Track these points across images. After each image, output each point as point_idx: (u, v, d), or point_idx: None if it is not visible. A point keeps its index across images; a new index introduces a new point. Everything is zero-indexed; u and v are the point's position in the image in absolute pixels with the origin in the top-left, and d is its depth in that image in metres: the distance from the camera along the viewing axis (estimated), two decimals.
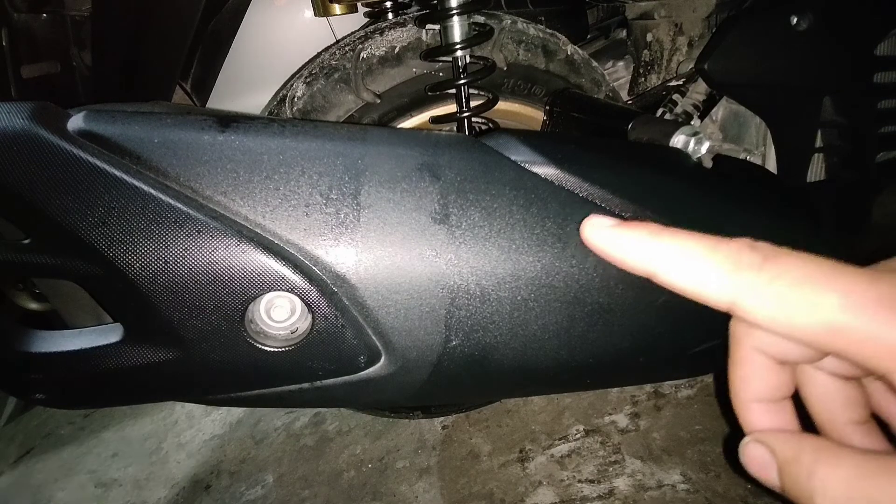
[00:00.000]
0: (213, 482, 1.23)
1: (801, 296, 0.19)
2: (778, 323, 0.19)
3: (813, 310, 0.18)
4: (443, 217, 0.37)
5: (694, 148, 0.50)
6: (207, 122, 0.37)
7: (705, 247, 0.21)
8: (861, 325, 0.18)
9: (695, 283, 0.21)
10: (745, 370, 0.24)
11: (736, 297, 0.20)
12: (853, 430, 0.24)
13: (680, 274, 0.22)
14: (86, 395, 0.46)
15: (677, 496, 0.93)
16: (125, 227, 0.34)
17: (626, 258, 0.24)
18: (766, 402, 0.25)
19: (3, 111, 0.33)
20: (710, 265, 0.21)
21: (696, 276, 0.21)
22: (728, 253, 0.21)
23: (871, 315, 0.18)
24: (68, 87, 0.80)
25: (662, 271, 0.22)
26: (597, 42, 1.12)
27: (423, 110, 0.72)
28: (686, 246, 0.22)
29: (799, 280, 0.19)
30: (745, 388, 0.25)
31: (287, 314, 0.37)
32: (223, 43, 0.90)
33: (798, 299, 0.19)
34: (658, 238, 0.23)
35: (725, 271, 0.20)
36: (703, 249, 0.21)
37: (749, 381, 0.25)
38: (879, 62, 0.71)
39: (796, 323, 0.19)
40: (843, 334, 0.18)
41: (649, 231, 0.23)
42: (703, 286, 0.21)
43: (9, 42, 0.72)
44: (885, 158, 0.77)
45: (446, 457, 1.13)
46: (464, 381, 0.42)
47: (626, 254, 0.24)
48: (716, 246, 0.21)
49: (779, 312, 0.19)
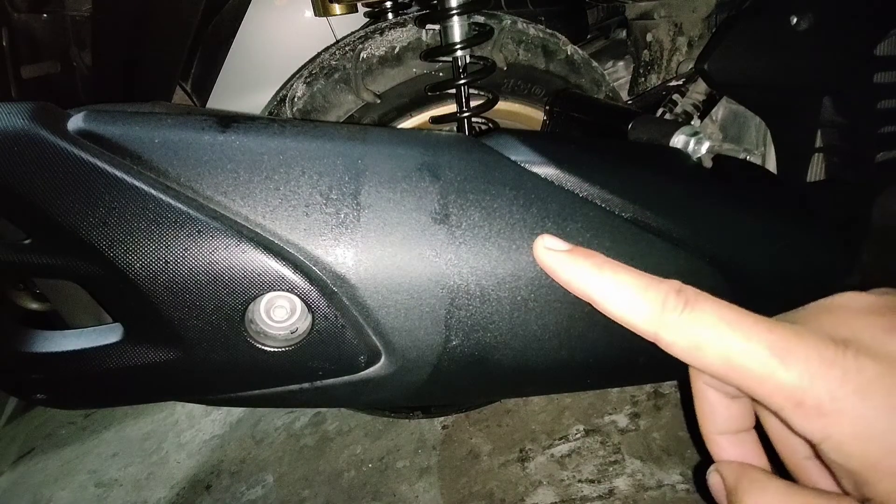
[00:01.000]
0: (214, 482, 1.24)
1: (710, 338, 0.22)
2: (690, 356, 0.23)
3: (718, 350, 0.22)
4: (443, 217, 0.37)
5: (694, 148, 0.50)
6: (207, 123, 0.37)
7: (639, 286, 0.25)
8: (756, 367, 0.21)
9: (627, 315, 0.25)
10: (703, 404, 0.28)
11: (658, 332, 0.24)
12: (810, 465, 0.26)
13: (615, 306, 0.25)
14: (86, 396, 0.46)
15: (677, 496, 0.93)
16: (125, 227, 0.34)
17: (571, 283, 0.27)
18: (728, 435, 0.28)
19: (3, 111, 0.33)
20: (640, 303, 0.24)
21: (628, 311, 0.25)
22: (657, 294, 0.24)
23: (764, 361, 0.21)
24: (68, 87, 0.80)
25: (600, 301, 0.26)
26: (597, 42, 1.12)
27: (423, 110, 0.72)
28: (623, 282, 0.25)
29: (711, 324, 0.22)
30: (706, 422, 0.28)
31: (287, 314, 0.37)
32: (223, 43, 0.90)
33: (707, 340, 0.22)
34: (600, 271, 0.26)
35: (652, 310, 0.24)
36: (636, 288, 0.25)
37: (708, 415, 0.28)
38: (879, 62, 0.71)
39: (705, 359, 0.22)
40: (742, 372, 0.21)
41: (594, 263, 0.26)
42: (632, 319, 0.24)
43: (9, 42, 0.72)
44: (885, 158, 0.77)
45: (446, 457, 1.13)
46: (464, 380, 0.42)
47: (570, 279, 0.27)
48: (648, 286, 0.25)
49: (691, 349, 0.23)
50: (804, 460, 0.26)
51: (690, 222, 0.42)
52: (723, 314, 0.22)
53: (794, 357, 0.20)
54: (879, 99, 0.73)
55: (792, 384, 0.20)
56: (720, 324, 0.22)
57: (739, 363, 0.21)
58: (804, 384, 0.20)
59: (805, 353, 0.20)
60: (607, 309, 0.25)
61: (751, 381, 0.21)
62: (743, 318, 0.22)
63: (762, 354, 0.21)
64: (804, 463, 0.26)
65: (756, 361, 0.21)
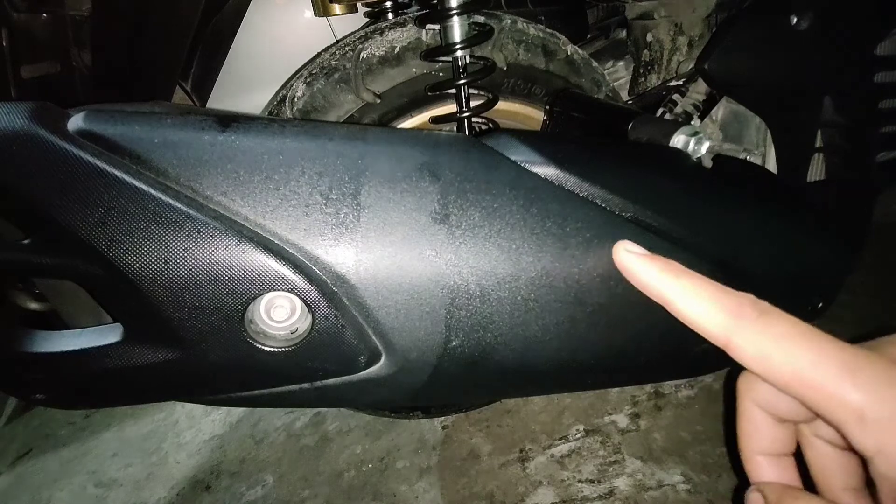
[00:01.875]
0: (213, 482, 1.23)
1: (782, 348, 0.23)
2: (759, 364, 0.24)
3: (789, 361, 0.23)
4: (443, 217, 0.37)
5: (694, 148, 0.50)
6: (207, 122, 0.37)
7: (715, 293, 0.27)
8: (825, 383, 0.22)
9: (701, 319, 0.26)
10: (748, 424, 0.29)
11: (731, 337, 0.25)
12: (846, 495, 0.27)
13: (692, 308, 0.27)
14: (86, 396, 0.45)
15: (678, 496, 0.93)
16: (125, 227, 0.34)
17: (650, 285, 0.29)
18: (768, 456, 0.29)
19: (3, 111, 0.33)
20: (717, 308, 0.26)
21: (704, 315, 0.26)
22: (732, 302, 0.26)
23: (834, 376, 0.22)
24: (68, 87, 0.80)
25: (678, 304, 0.27)
26: (597, 42, 1.12)
27: (423, 110, 0.72)
28: (701, 288, 0.27)
29: (783, 335, 0.24)
30: (748, 441, 0.29)
31: (287, 314, 0.37)
32: (223, 43, 0.90)
33: (779, 350, 0.23)
34: (677, 277, 0.28)
35: (728, 316, 0.25)
36: (713, 295, 0.27)
37: (752, 434, 0.29)
38: (879, 62, 0.71)
39: (773, 368, 0.23)
40: (810, 386, 0.22)
41: (673, 268, 0.29)
42: (707, 324, 0.26)
43: (9, 42, 0.72)
44: (885, 158, 0.77)
45: (446, 457, 1.13)
46: (464, 381, 0.42)
47: (650, 282, 0.29)
48: (724, 294, 0.26)
49: (761, 356, 0.24)
50: (842, 491, 0.27)
51: (690, 222, 0.42)
52: (796, 328, 0.23)
53: (862, 375, 0.22)
54: (879, 99, 0.73)
55: (857, 400, 0.21)
56: (793, 336, 0.23)
57: (809, 376, 0.22)
58: (868, 401, 0.21)
59: (872, 373, 0.22)
60: (683, 312, 0.27)
61: (817, 394, 0.22)
62: (815, 334, 0.23)
63: (832, 370, 0.22)
64: (841, 493, 0.27)
65: (825, 375, 0.22)
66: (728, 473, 0.94)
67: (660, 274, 0.29)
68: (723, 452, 0.98)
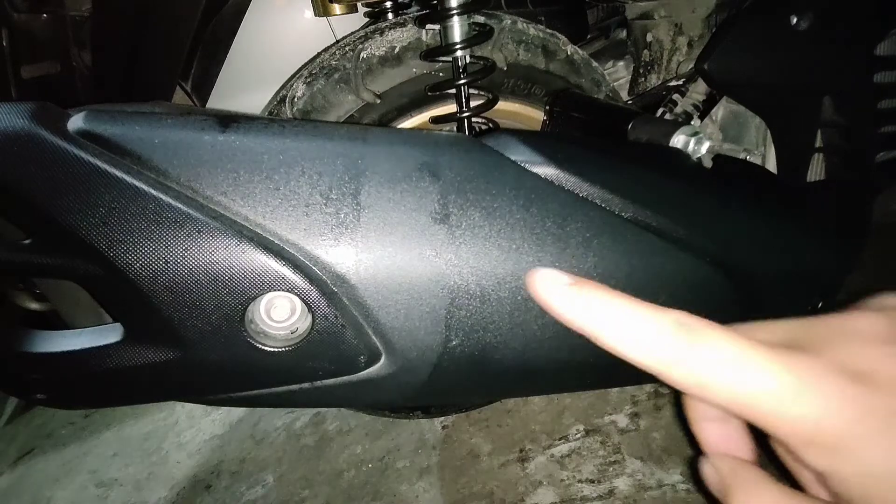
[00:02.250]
0: (214, 482, 1.24)
1: (716, 376, 0.21)
2: (698, 393, 0.22)
3: (725, 389, 0.21)
4: (443, 217, 0.37)
5: (694, 148, 0.50)
6: (208, 123, 0.37)
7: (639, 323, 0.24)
8: (765, 405, 0.20)
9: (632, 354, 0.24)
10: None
11: (663, 371, 0.23)
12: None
13: (620, 346, 0.24)
14: (86, 396, 0.46)
15: (678, 496, 0.93)
16: (125, 227, 0.34)
17: (575, 322, 0.25)
18: (716, 421, 0.27)
19: (3, 111, 0.33)
20: (644, 340, 0.23)
21: (634, 349, 0.24)
22: (660, 330, 0.23)
23: (776, 396, 0.20)
24: (68, 87, 0.80)
25: (606, 340, 0.24)
26: (597, 42, 1.12)
27: (423, 110, 0.72)
28: (626, 318, 0.24)
29: (717, 361, 0.21)
30: (693, 408, 0.27)
31: (287, 314, 0.37)
32: (223, 43, 0.90)
33: (713, 379, 0.21)
34: (602, 307, 0.25)
35: (657, 347, 0.23)
36: (639, 324, 0.24)
37: (696, 401, 0.27)
38: (879, 62, 0.71)
39: (712, 397, 0.21)
40: (751, 409, 0.21)
41: (596, 299, 0.25)
42: (637, 357, 0.23)
43: (9, 42, 0.72)
44: (885, 158, 0.77)
45: (446, 456, 1.13)
46: (464, 380, 0.42)
47: (574, 318, 0.25)
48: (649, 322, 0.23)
49: (697, 387, 0.22)
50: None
51: (690, 222, 0.42)
52: (728, 349, 0.21)
53: (806, 396, 0.20)
54: (879, 99, 0.73)
55: (803, 423, 0.20)
56: (726, 360, 0.21)
57: (747, 402, 0.21)
58: (815, 423, 0.20)
59: (817, 392, 0.20)
60: (613, 349, 0.25)
61: (759, 417, 0.21)
62: (750, 350, 0.21)
63: (772, 392, 0.20)
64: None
65: (765, 399, 0.20)
66: None
67: (586, 308, 0.25)
68: None
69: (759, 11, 0.64)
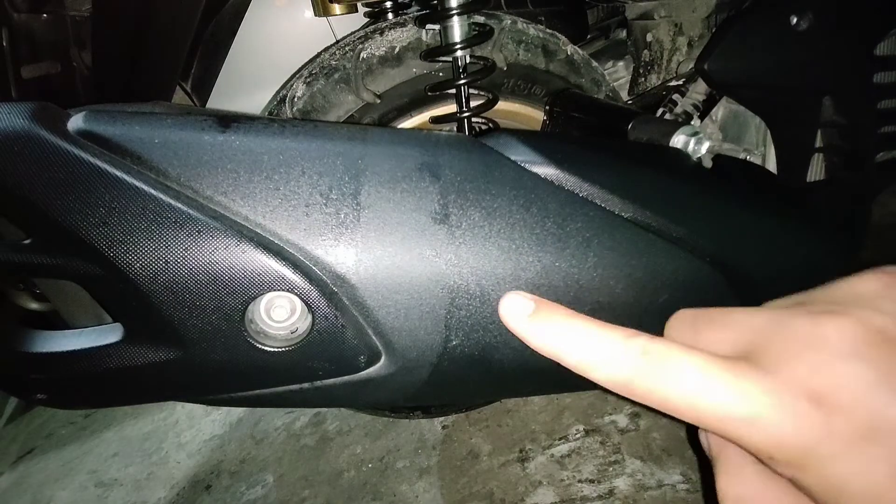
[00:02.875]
0: (214, 482, 1.24)
1: (677, 396, 0.21)
2: (664, 408, 0.22)
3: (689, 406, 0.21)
4: (443, 217, 0.37)
5: (694, 148, 0.50)
6: (208, 123, 0.37)
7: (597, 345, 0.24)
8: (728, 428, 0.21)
9: (596, 375, 0.24)
10: None
11: (627, 390, 0.23)
12: None
13: (586, 368, 0.24)
14: (86, 396, 0.46)
15: (677, 496, 0.93)
16: (126, 227, 0.34)
17: (540, 349, 0.26)
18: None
19: (3, 111, 0.33)
20: (605, 362, 0.24)
21: (598, 371, 0.24)
22: (616, 350, 0.23)
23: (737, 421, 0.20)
24: (68, 87, 0.80)
25: (569, 365, 0.25)
26: (597, 42, 1.12)
27: (423, 110, 0.72)
28: (585, 341, 0.24)
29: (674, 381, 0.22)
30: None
31: (287, 314, 0.37)
32: (223, 43, 0.90)
33: (675, 398, 0.22)
34: (563, 332, 0.25)
35: (616, 368, 0.23)
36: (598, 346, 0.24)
37: None
38: (879, 62, 0.71)
39: (678, 412, 0.22)
40: (716, 427, 0.21)
41: (558, 324, 0.26)
42: (601, 379, 0.24)
43: (9, 42, 0.72)
44: (885, 158, 0.77)
45: (446, 457, 1.13)
46: (464, 380, 0.42)
47: (539, 347, 0.26)
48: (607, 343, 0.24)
49: (662, 404, 0.22)
50: None
51: (690, 222, 0.42)
52: (683, 367, 0.21)
53: (766, 418, 0.20)
54: (879, 99, 0.73)
55: (764, 442, 0.20)
56: (683, 381, 0.21)
57: (708, 423, 0.21)
58: (776, 444, 0.20)
59: (776, 414, 0.20)
60: (578, 370, 0.25)
61: (722, 433, 0.21)
62: (709, 374, 0.21)
63: (731, 414, 0.20)
64: None
65: (724, 419, 0.20)
66: None
67: (542, 339, 0.26)
68: None
69: (759, 11, 0.64)
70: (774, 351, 0.21)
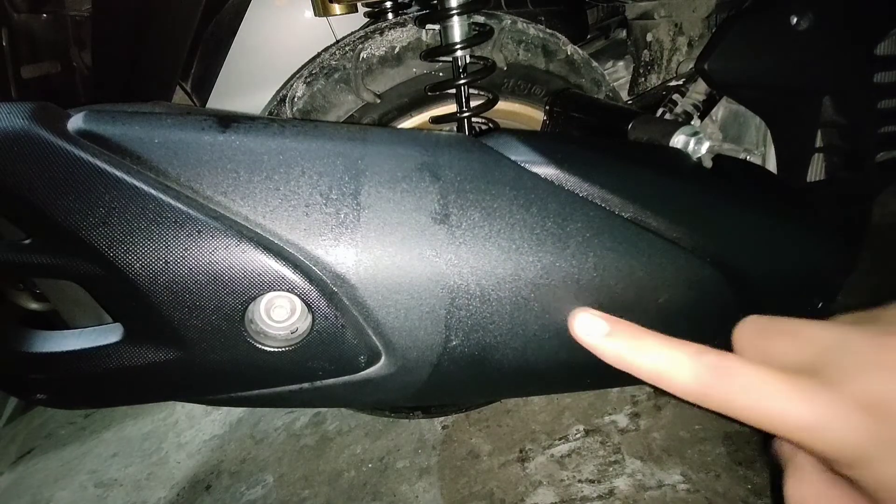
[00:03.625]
0: (214, 482, 1.24)
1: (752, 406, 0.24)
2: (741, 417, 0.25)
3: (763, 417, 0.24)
4: (443, 217, 0.37)
5: (694, 148, 0.50)
6: (208, 123, 0.37)
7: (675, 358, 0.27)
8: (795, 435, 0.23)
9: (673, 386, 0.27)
10: None
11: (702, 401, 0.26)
12: None
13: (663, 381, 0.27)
14: (86, 396, 0.45)
15: (677, 496, 0.93)
16: (126, 227, 0.34)
17: (617, 364, 0.29)
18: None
19: (3, 111, 0.33)
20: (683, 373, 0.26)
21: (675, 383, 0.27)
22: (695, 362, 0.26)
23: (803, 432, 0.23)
24: (68, 87, 0.80)
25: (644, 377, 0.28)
26: (597, 42, 1.12)
27: (423, 110, 0.72)
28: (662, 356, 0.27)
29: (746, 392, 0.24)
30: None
31: (287, 314, 0.37)
32: (223, 43, 0.90)
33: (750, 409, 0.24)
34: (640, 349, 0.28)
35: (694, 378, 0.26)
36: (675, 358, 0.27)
37: None
38: (879, 62, 0.71)
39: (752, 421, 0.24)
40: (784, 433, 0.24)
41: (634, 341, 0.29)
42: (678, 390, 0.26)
43: (9, 42, 0.72)
44: (885, 158, 0.77)
45: (446, 457, 1.13)
46: (464, 380, 0.42)
47: (614, 362, 0.29)
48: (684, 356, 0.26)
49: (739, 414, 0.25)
50: None
51: (690, 222, 0.42)
52: (755, 385, 0.24)
53: (828, 428, 0.22)
54: (879, 99, 0.73)
55: (825, 447, 0.23)
56: (753, 395, 0.24)
57: (776, 430, 0.24)
58: (836, 449, 0.22)
59: (836, 424, 0.22)
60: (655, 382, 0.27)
61: (787, 438, 0.24)
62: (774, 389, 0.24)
63: (796, 424, 0.23)
64: None
65: (790, 428, 0.23)
66: (727, 472, 0.94)
67: (618, 356, 0.29)
68: (722, 451, 0.98)
69: (759, 11, 0.64)
70: (840, 366, 0.24)
